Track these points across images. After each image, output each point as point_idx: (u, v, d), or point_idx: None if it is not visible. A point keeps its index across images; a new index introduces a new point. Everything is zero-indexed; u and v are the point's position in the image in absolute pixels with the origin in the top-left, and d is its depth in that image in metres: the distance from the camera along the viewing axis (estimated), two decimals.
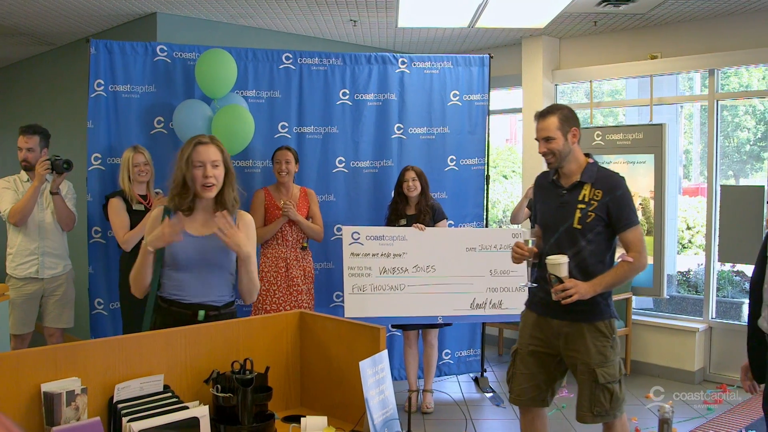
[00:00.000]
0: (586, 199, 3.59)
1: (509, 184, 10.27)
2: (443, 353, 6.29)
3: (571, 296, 3.44)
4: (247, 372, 2.54)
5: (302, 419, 2.51)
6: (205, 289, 3.21)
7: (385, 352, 2.56)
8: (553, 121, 3.61)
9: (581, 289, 3.46)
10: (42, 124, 5.42)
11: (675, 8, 6.20)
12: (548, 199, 3.79)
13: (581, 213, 3.59)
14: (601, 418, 3.61)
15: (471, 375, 6.60)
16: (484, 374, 6.50)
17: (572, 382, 6.36)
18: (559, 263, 3.48)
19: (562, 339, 3.67)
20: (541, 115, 3.69)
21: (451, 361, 6.41)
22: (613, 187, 3.57)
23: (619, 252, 3.70)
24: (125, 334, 5.07)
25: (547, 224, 3.76)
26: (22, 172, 5.28)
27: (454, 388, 6.44)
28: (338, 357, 2.74)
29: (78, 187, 5.55)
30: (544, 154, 3.70)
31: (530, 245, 3.71)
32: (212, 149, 3.19)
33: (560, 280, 3.47)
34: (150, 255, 3.13)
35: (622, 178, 3.63)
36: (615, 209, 3.54)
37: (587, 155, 3.72)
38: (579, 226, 3.59)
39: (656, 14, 6.41)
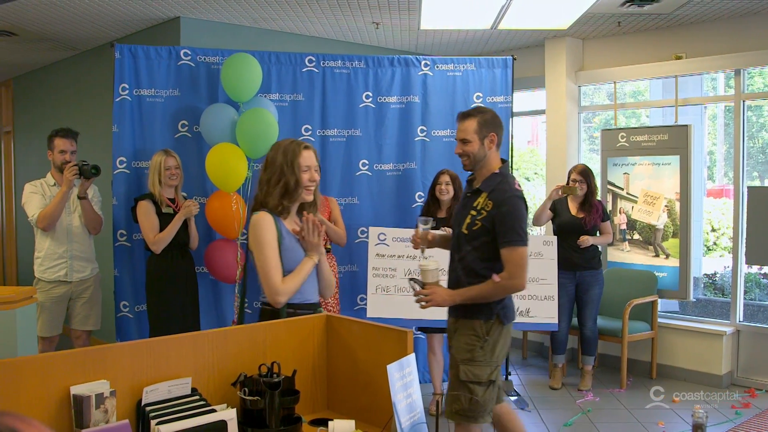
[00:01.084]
0: (479, 207, 3.56)
1: (531, 186, 10.22)
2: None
3: (427, 302, 3.53)
4: (275, 375, 2.54)
5: (330, 423, 2.51)
6: (313, 286, 3.37)
7: (412, 356, 2.54)
8: (471, 123, 3.59)
9: (438, 297, 3.53)
10: (70, 128, 5.46)
11: (700, 8, 6.14)
12: (461, 199, 3.81)
13: (470, 219, 3.57)
14: (458, 417, 3.54)
15: None
16: (509, 377, 6.47)
17: (597, 386, 6.36)
18: (427, 270, 3.57)
19: (451, 335, 3.71)
20: (461, 117, 3.66)
21: None
22: (502, 202, 3.49)
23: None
24: (152, 337, 5.12)
25: (453, 223, 3.82)
26: (49, 176, 5.31)
27: None
28: (365, 360, 2.72)
29: (103, 191, 5.59)
30: (459, 155, 3.69)
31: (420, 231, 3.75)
32: (314, 154, 3.33)
33: (422, 285, 3.55)
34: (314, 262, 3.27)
35: (519, 196, 3.54)
36: (498, 224, 3.48)
37: (503, 160, 3.69)
38: (466, 232, 3.58)
39: (681, 14, 6.36)
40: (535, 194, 10.00)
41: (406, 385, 2.48)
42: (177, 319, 5.14)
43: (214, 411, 2.38)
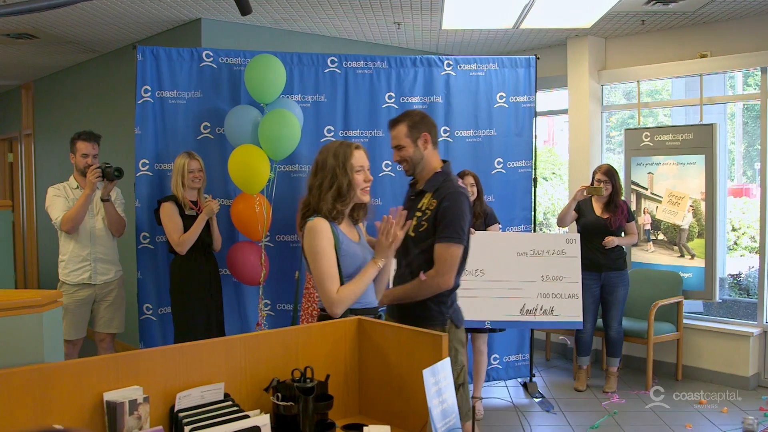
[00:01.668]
0: (424, 208, 3.48)
1: (549, 186, 10.15)
2: (491, 358, 6.21)
3: None
4: (308, 380, 2.50)
5: (365, 428, 2.47)
6: (373, 291, 3.32)
7: (447, 360, 2.50)
8: (401, 129, 3.51)
9: None
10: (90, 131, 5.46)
11: (725, 6, 6.07)
12: (404, 203, 3.71)
13: (416, 221, 3.49)
14: None
15: (519, 380, 6.52)
16: (533, 379, 6.41)
17: (622, 387, 6.30)
18: None
19: None
20: (391, 124, 3.58)
21: (500, 366, 6.33)
22: (444, 197, 3.41)
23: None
24: (176, 340, 5.12)
25: None
26: (72, 179, 5.30)
27: (503, 393, 6.36)
28: (398, 364, 2.68)
29: (125, 193, 5.59)
30: (398, 163, 3.61)
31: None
32: (365, 153, 3.31)
33: None
34: (378, 268, 3.22)
35: (462, 193, 3.45)
36: (439, 219, 3.40)
37: (444, 161, 3.59)
38: (413, 234, 3.49)
39: (705, 12, 6.28)
40: (553, 194, 9.94)
41: (441, 390, 2.44)
42: (201, 321, 5.13)
43: (247, 417, 2.35)
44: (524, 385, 6.43)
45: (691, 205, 6.69)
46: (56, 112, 9.36)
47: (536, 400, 6.11)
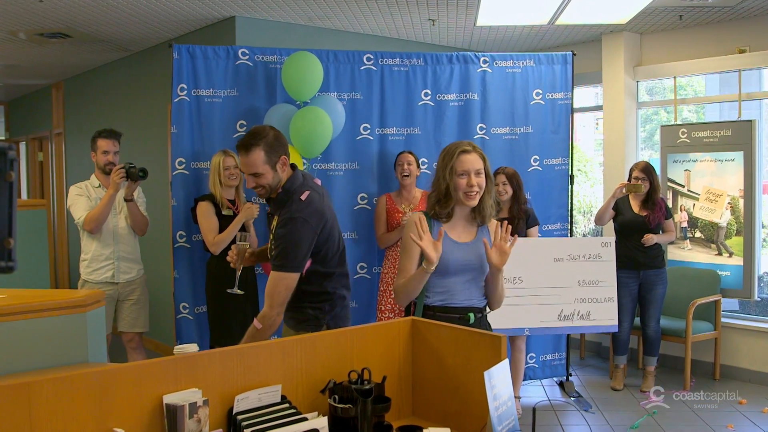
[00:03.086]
0: (274, 230, 3.36)
1: (575, 183, 10.04)
2: (528, 357, 6.15)
3: None
4: (365, 382, 2.47)
5: (424, 431, 2.43)
6: (470, 292, 3.28)
7: (506, 362, 2.46)
8: (257, 154, 3.24)
9: None
10: (119, 130, 5.44)
11: (764, 0, 5.96)
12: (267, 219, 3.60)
13: (270, 244, 3.39)
14: None
15: (555, 379, 6.46)
16: (569, 378, 6.35)
17: (660, 386, 6.22)
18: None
19: None
20: (243, 148, 3.27)
21: (536, 365, 6.27)
22: (280, 224, 3.28)
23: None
24: (213, 339, 5.11)
25: None
26: (93, 178, 5.30)
27: (539, 392, 6.30)
28: (454, 365, 2.64)
29: (162, 192, 5.58)
30: (252, 188, 3.35)
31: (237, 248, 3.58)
32: (475, 158, 3.21)
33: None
34: (427, 275, 3.15)
35: (298, 218, 3.23)
36: (273, 246, 3.29)
37: (293, 166, 3.41)
38: (269, 257, 3.38)
39: (745, 6, 6.18)
40: (579, 191, 9.84)
41: (501, 392, 2.40)
42: (237, 321, 5.10)
43: (305, 419, 2.32)
44: (560, 385, 6.36)
45: (729, 203, 6.59)
46: (87, 111, 9.39)
47: (573, 399, 6.05)
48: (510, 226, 3.21)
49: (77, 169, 9.52)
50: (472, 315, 3.24)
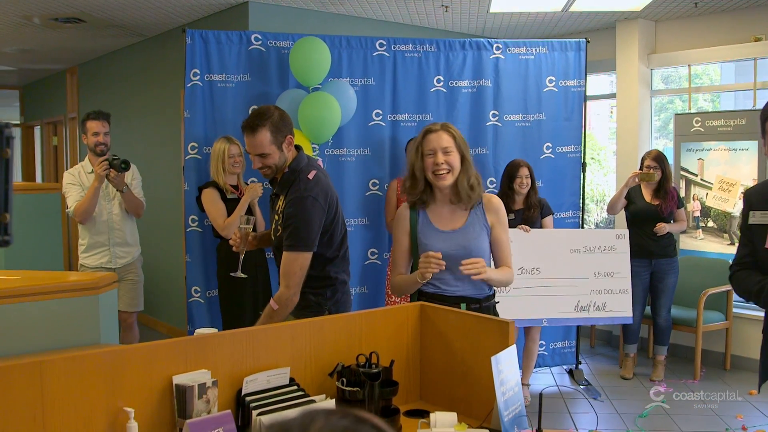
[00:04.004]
0: (279, 211, 3.33)
1: (588, 172, 10.01)
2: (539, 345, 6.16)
3: None
4: (373, 365, 2.49)
5: (431, 415, 2.44)
6: (461, 282, 3.17)
7: (513, 348, 2.47)
8: (264, 135, 3.23)
9: None
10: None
11: None
12: (269, 201, 3.58)
13: (275, 225, 3.37)
14: None
15: (565, 367, 6.46)
16: (579, 366, 6.36)
17: (669, 376, 6.22)
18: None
19: None
20: (248, 129, 3.26)
21: (546, 353, 6.28)
22: (289, 203, 3.26)
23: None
24: (224, 323, 5.13)
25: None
26: (87, 162, 5.35)
27: (548, 380, 6.31)
28: (462, 350, 2.66)
29: (175, 176, 5.60)
30: (259, 170, 3.36)
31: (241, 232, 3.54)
32: (441, 135, 3.12)
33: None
34: (419, 285, 3.16)
35: (308, 197, 3.23)
36: (284, 227, 3.26)
37: (297, 148, 3.40)
38: (273, 238, 3.38)
39: None
40: (592, 179, 9.81)
41: (508, 377, 2.42)
42: (249, 305, 5.13)
43: (313, 402, 2.35)
44: (570, 372, 6.37)
45: (742, 192, 6.56)
46: (101, 95, 9.42)
47: (582, 387, 6.06)
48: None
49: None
50: (463, 306, 3.14)
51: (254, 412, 2.26)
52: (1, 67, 10.42)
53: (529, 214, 5.52)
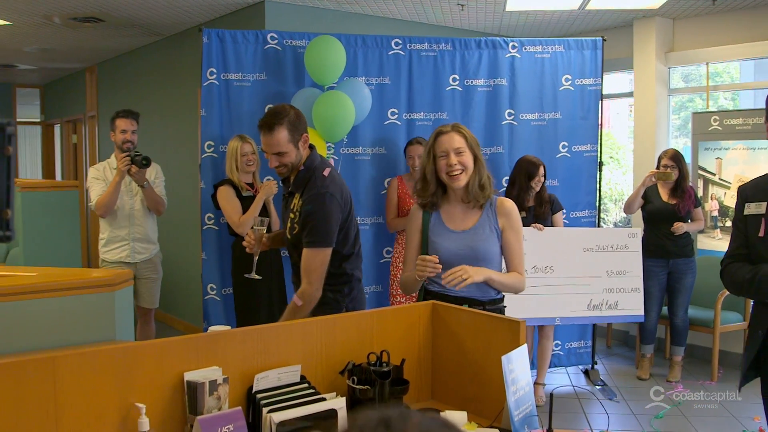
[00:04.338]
0: (295, 209, 3.33)
1: (606, 171, 9.95)
2: (554, 344, 6.14)
3: None
4: (384, 364, 2.50)
5: (442, 414, 2.45)
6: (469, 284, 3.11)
7: (525, 347, 2.47)
8: (282, 134, 3.26)
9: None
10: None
11: None
12: (282, 200, 3.58)
13: (291, 224, 3.37)
14: None
15: (581, 367, 6.44)
16: (594, 367, 6.33)
17: (686, 377, 6.18)
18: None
19: None
20: (267, 128, 3.29)
21: (561, 353, 6.26)
22: (307, 200, 3.28)
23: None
24: (238, 321, 5.16)
25: (283, 226, 3.56)
26: (113, 158, 5.43)
27: (564, 380, 6.29)
28: (473, 350, 2.66)
29: (192, 174, 5.64)
30: (274, 168, 3.38)
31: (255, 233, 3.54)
32: (455, 136, 3.13)
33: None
34: (419, 282, 3.18)
35: (325, 193, 3.26)
36: (303, 224, 3.27)
37: (311, 147, 3.40)
38: (289, 237, 3.38)
39: None
40: (611, 178, 9.75)
41: (519, 377, 2.41)
42: (264, 303, 5.15)
43: (323, 399, 2.36)
44: (586, 373, 6.35)
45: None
46: (120, 94, 9.49)
47: (598, 387, 6.03)
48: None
49: (110, 150, 9.59)
50: (466, 306, 3.07)
51: (265, 410, 2.27)
52: (22, 66, 10.53)
53: (540, 210, 5.51)
